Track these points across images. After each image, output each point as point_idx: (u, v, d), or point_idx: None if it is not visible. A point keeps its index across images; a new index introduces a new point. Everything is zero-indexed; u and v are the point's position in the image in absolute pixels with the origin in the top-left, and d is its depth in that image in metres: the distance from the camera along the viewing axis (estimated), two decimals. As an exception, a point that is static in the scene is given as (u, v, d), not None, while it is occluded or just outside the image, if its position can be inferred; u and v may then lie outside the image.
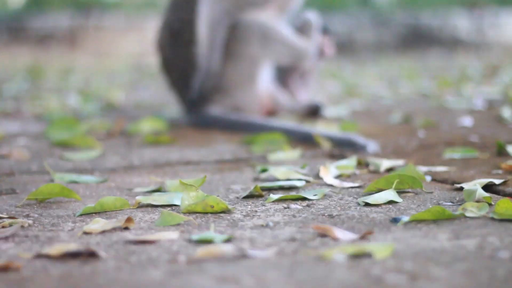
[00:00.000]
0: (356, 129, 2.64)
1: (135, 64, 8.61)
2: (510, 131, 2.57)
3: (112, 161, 2.15)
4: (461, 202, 1.50)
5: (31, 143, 2.53)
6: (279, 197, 1.56)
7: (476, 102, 3.46)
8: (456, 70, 6.24)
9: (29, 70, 7.27)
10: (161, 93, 4.70)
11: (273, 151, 2.22)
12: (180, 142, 2.48)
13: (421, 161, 2.02)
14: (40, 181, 1.84)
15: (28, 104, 3.85)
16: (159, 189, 1.70)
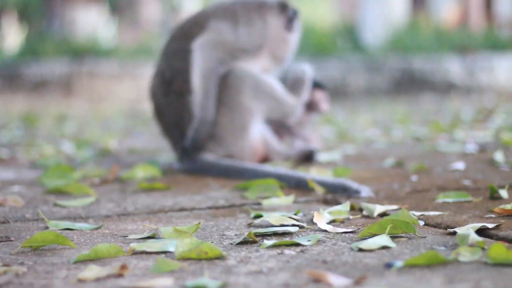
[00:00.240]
0: (349, 174, 2.65)
1: (129, 110, 8.65)
2: (502, 174, 2.59)
3: (106, 208, 2.15)
4: (454, 246, 1.50)
5: (25, 190, 2.54)
6: (273, 243, 1.56)
7: (468, 146, 3.48)
8: (449, 114, 6.28)
9: (23, 116, 7.29)
10: (155, 139, 4.71)
11: (267, 197, 2.23)
12: (174, 189, 2.49)
13: (414, 206, 2.02)
14: (34, 229, 1.84)
15: (22, 151, 3.86)
16: (153, 235, 1.70)
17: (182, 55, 2.87)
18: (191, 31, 2.91)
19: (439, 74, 9.54)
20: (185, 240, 1.48)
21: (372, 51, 10.33)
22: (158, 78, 2.96)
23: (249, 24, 2.90)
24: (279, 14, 2.95)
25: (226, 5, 2.96)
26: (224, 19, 2.89)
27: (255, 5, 2.95)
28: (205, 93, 2.82)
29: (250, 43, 2.90)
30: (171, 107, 2.90)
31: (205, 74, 2.83)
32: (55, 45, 11.59)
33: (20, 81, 10.99)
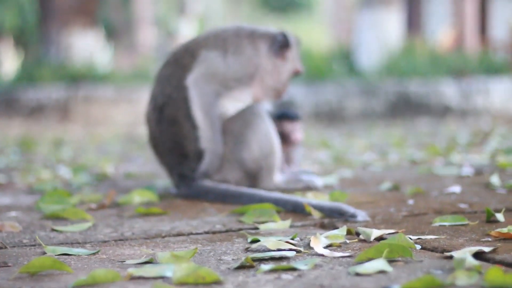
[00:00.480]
0: (346, 198, 2.66)
1: (125, 134, 8.66)
2: (498, 197, 2.59)
3: (103, 233, 2.15)
4: (451, 270, 1.51)
5: (22, 215, 2.54)
6: (270, 267, 1.56)
7: (464, 169, 3.49)
8: (445, 137, 6.30)
9: (20, 141, 7.30)
10: (151, 163, 4.72)
11: (264, 221, 2.23)
12: (171, 214, 2.49)
13: (411, 230, 2.03)
14: (32, 254, 1.84)
15: (19, 176, 3.86)
16: (151, 260, 1.70)
17: (174, 82, 2.90)
18: (183, 60, 2.92)
19: (435, 98, 9.58)
20: (183, 265, 1.49)
21: (368, 75, 10.38)
22: (151, 103, 2.98)
23: (239, 53, 2.89)
24: (271, 43, 2.94)
25: (218, 33, 2.96)
26: (215, 49, 2.89)
27: (246, 34, 2.95)
28: (211, 127, 2.83)
29: (241, 73, 2.89)
30: (164, 135, 2.92)
31: (206, 110, 2.83)
32: (52, 70, 11.62)
33: (16, 106, 11.01)
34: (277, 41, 2.94)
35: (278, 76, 2.97)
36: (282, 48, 2.95)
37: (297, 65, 3.03)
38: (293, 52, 3.00)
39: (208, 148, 2.83)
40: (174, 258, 1.53)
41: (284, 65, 2.98)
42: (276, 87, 2.98)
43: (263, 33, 2.97)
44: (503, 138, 5.60)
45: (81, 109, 11.27)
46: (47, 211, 2.50)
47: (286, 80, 3.00)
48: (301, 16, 35.01)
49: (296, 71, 3.03)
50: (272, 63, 2.95)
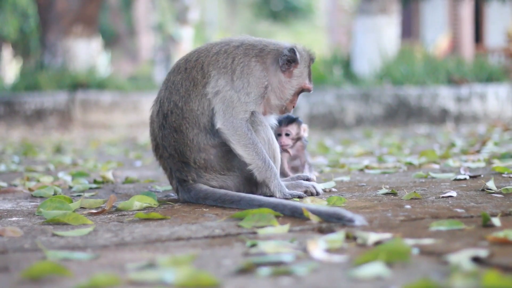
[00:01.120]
0: (343, 202, 2.68)
1: (124, 139, 8.67)
2: (495, 202, 2.61)
3: (103, 238, 2.17)
4: (448, 274, 1.52)
5: (23, 220, 2.55)
6: (269, 271, 1.58)
7: (461, 173, 3.51)
8: (442, 142, 6.32)
9: (21, 146, 7.31)
10: (150, 169, 4.73)
11: (262, 226, 2.25)
12: (170, 218, 2.51)
13: (408, 234, 2.05)
14: (33, 259, 1.86)
15: (20, 181, 3.88)
16: (151, 265, 1.72)
17: (182, 92, 2.90)
18: (192, 72, 2.92)
19: (432, 103, 9.60)
20: (182, 269, 1.51)
21: (366, 80, 10.40)
22: (156, 106, 2.99)
23: (247, 74, 2.88)
24: (278, 58, 2.92)
25: (228, 51, 2.93)
26: (224, 72, 2.88)
27: (255, 52, 2.92)
28: (258, 157, 2.82)
29: (253, 95, 2.86)
30: (166, 141, 2.93)
31: (246, 144, 2.82)
32: (52, 76, 11.64)
33: (17, 112, 11.02)
34: (284, 56, 2.92)
35: (281, 92, 2.95)
36: (289, 64, 2.93)
37: (305, 82, 2.98)
38: (301, 68, 2.96)
39: (267, 177, 2.84)
40: (174, 262, 1.55)
41: (289, 81, 2.95)
42: (279, 103, 2.97)
43: (272, 49, 2.95)
44: (499, 143, 5.62)
45: (81, 115, 11.28)
46: (48, 216, 2.52)
47: (291, 96, 2.97)
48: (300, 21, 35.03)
49: (303, 88, 2.99)
50: (277, 79, 2.93)
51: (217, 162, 2.89)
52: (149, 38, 28.50)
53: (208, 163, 2.88)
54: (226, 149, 2.88)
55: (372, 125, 9.51)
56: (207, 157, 2.87)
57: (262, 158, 2.83)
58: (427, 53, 11.34)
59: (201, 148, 2.87)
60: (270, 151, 2.91)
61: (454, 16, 22.63)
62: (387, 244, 1.77)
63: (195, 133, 2.87)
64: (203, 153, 2.87)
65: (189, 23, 19.02)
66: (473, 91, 9.78)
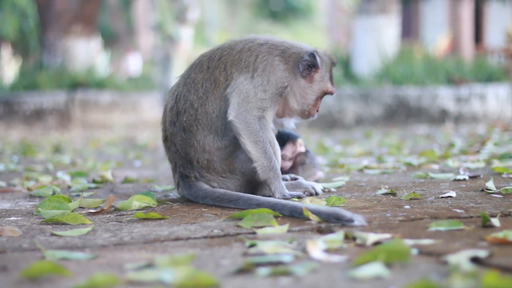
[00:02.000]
0: (343, 203, 2.68)
1: (124, 139, 8.67)
2: (494, 202, 2.61)
3: (102, 238, 2.17)
4: (447, 274, 1.52)
5: (22, 220, 2.55)
6: (268, 272, 1.58)
7: (460, 174, 3.51)
8: (441, 142, 6.32)
9: (20, 146, 7.31)
10: (149, 169, 4.73)
11: (262, 226, 2.25)
12: (169, 219, 2.51)
13: (407, 234, 2.05)
14: (31, 258, 1.86)
15: (19, 180, 3.88)
16: (149, 265, 1.72)
17: (200, 93, 2.90)
18: (215, 72, 2.90)
19: (432, 103, 9.60)
20: (181, 269, 1.50)
21: (366, 81, 10.41)
22: (172, 100, 2.98)
23: (269, 73, 2.86)
24: (299, 62, 2.90)
25: (252, 48, 2.92)
26: (246, 69, 2.87)
27: (279, 52, 2.92)
28: (265, 156, 2.82)
29: (271, 92, 2.86)
30: (175, 137, 2.94)
31: (256, 141, 2.82)
32: (51, 75, 11.64)
33: (16, 111, 11.02)
34: (304, 61, 2.90)
35: (303, 97, 2.93)
36: (309, 69, 2.91)
37: (327, 86, 2.97)
38: (322, 72, 2.94)
39: (270, 178, 2.84)
40: (173, 262, 1.55)
41: (310, 86, 2.94)
42: (301, 108, 2.96)
43: (294, 51, 2.93)
44: (499, 144, 5.62)
45: (80, 114, 11.28)
46: (46, 216, 2.51)
47: (312, 101, 2.96)
48: (300, 21, 35.05)
49: (325, 92, 2.97)
50: (298, 84, 2.92)
51: (219, 164, 2.88)
52: (148, 38, 28.52)
53: (210, 164, 2.88)
54: (229, 151, 2.87)
55: (371, 125, 9.52)
56: (210, 158, 2.88)
57: (268, 157, 2.83)
58: (427, 53, 11.34)
59: (206, 149, 2.87)
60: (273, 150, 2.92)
61: (454, 16, 22.65)
62: (386, 244, 1.77)
63: (204, 135, 2.87)
64: (206, 154, 2.87)
65: (189, 23, 19.02)
66: (473, 91, 9.79)
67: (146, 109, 12.32)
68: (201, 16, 30.56)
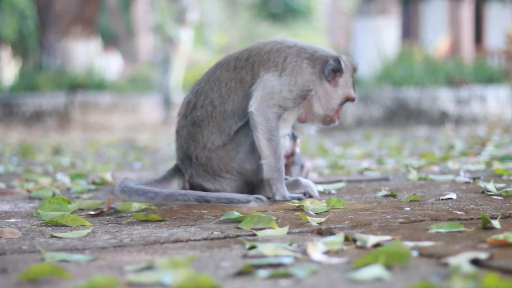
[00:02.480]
0: (343, 204, 2.67)
1: (123, 140, 8.67)
2: (494, 204, 2.61)
3: (102, 239, 2.16)
4: (447, 276, 1.52)
5: (22, 222, 2.55)
6: (268, 274, 1.58)
7: (461, 175, 3.51)
8: (442, 143, 6.32)
9: (19, 147, 7.31)
10: (149, 170, 4.73)
11: (261, 228, 2.25)
12: (169, 220, 2.51)
13: (408, 236, 2.04)
14: (31, 260, 1.85)
15: (18, 182, 3.87)
16: (149, 267, 1.71)
17: (223, 91, 2.90)
18: (242, 72, 2.90)
19: (432, 105, 9.60)
20: (181, 271, 1.50)
21: (366, 82, 10.41)
22: (193, 94, 2.98)
23: (297, 74, 2.87)
24: (324, 67, 2.91)
25: (281, 49, 2.93)
26: (274, 68, 2.88)
27: (307, 55, 2.92)
28: (274, 155, 2.83)
29: (296, 93, 2.86)
30: (183, 130, 2.96)
31: (269, 138, 2.82)
32: (51, 77, 11.64)
33: (16, 113, 11.02)
34: (329, 65, 2.91)
35: (327, 102, 2.95)
36: (334, 74, 2.92)
37: (350, 92, 2.98)
38: (346, 77, 2.95)
39: (274, 178, 2.85)
40: (173, 264, 1.55)
41: (335, 91, 2.95)
42: (324, 113, 2.97)
43: (321, 56, 2.94)
44: (499, 146, 5.62)
45: (80, 116, 11.28)
46: (46, 218, 2.51)
47: (336, 106, 2.97)
48: (299, 22, 35.06)
49: (348, 97, 2.98)
50: (323, 88, 2.93)
51: (217, 162, 2.89)
52: (148, 39, 28.51)
53: (209, 161, 2.89)
54: (228, 149, 2.87)
55: (371, 127, 9.51)
56: (209, 155, 2.88)
57: (277, 157, 2.84)
58: (427, 54, 11.34)
59: (207, 146, 2.88)
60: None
61: (454, 18, 22.65)
62: (387, 246, 1.76)
63: (211, 132, 2.88)
64: (206, 151, 2.89)
65: (188, 24, 19.03)
66: (473, 93, 9.78)
67: (146, 111, 12.32)
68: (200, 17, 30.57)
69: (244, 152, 2.87)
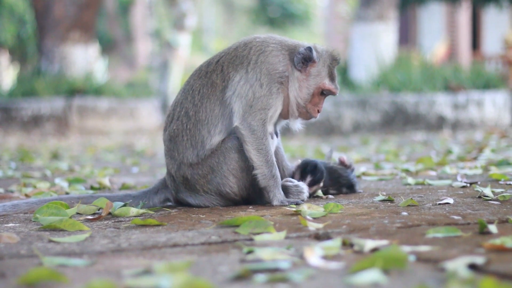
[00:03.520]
0: (340, 209, 2.68)
1: (121, 145, 8.66)
2: (491, 209, 2.61)
3: (100, 244, 2.17)
4: (444, 281, 1.52)
5: (20, 226, 2.55)
6: (266, 278, 1.58)
7: (458, 180, 3.51)
8: (440, 148, 6.33)
9: (18, 152, 7.30)
10: (147, 175, 4.73)
11: (259, 232, 2.25)
12: (167, 225, 2.51)
13: (405, 241, 2.05)
14: (29, 265, 1.86)
15: (17, 186, 3.87)
16: (147, 271, 1.71)
17: (196, 100, 2.89)
18: (212, 76, 2.89)
19: (429, 110, 9.62)
20: (179, 276, 1.50)
21: (364, 87, 10.42)
22: (171, 108, 2.98)
23: (262, 62, 2.85)
24: (294, 55, 2.89)
25: (247, 41, 2.92)
26: (240, 66, 2.86)
27: (274, 41, 2.91)
28: (266, 163, 2.84)
29: (267, 80, 2.84)
30: (164, 145, 2.97)
31: (258, 148, 2.82)
32: (49, 82, 11.65)
33: (14, 118, 11.02)
34: (299, 54, 2.88)
35: (299, 91, 2.90)
36: (305, 63, 2.89)
37: (324, 82, 2.91)
38: (319, 67, 2.90)
39: (270, 186, 2.85)
40: (170, 269, 1.55)
41: (306, 80, 2.90)
42: (297, 103, 2.91)
43: (291, 44, 2.93)
44: (496, 150, 5.63)
45: (78, 120, 11.28)
46: (44, 222, 2.51)
47: (308, 96, 2.91)
48: (297, 27, 35.09)
49: (322, 88, 2.92)
50: (295, 77, 2.89)
51: (194, 183, 2.89)
52: (146, 44, 28.52)
53: (186, 181, 2.90)
54: (204, 172, 2.86)
55: (369, 132, 9.52)
56: (185, 175, 2.89)
57: (269, 165, 2.83)
58: (424, 60, 11.36)
59: (183, 164, 2.87)
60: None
61: (451, 23, 22.69)
62: (384, 251, 1.76)
63: (185, 147, 2.87)
64: (182, 170, 2.88)
65: (187, 29, 19.04)
66: (470, 98, 9.80)
67: (144, 116, 12.33)
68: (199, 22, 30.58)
69: (221, 176, 2.86)
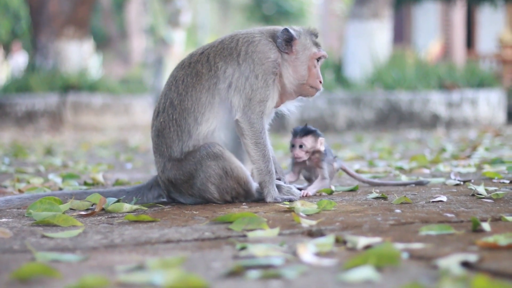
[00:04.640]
0: (334, 206, 2.68)
1: (115, 141, 8.65)
2: (484, 207, 2.62)
3: (93, 240, 2.16)
4: (437, 278, 1.53)
5: (13, 221, 2.54)
6: (258, 275, 1.58)
7: (452, 178, 3.52)
8: (434, 146, 6.34)
9: (12, 147, 7.29)
10: (140, 171, 4.73)
11: (252, 229, 2.25)
12: (160, 221, 2.51)
13: (398, 238, 2.05)
14: (22, 260, 1.85)
15: (10, 181, 3.86)
16: (140, 267, 1.71)
17: (180, 89, 2.89)
18: (197, 66, 2.90)
19: (423, 108, 9.63)
20: (172, 272, 1.50)
21: (358, 85, 10.42)
22: (158, 102, 2.98)
23: (252, 52, 2.87)
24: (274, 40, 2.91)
25: (234, 34, 2.95)
26: (230, 58, 2.87)
27: (257, 31, 2.95)
28: (263, 159, 2.84)
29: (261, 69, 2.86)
30: (152, 142, 2.96)
31: (257, 142, 2.84)
32: (43, 78, 11.62)
33: (8, 113, 10.99)
34: (278, 38, 2.91)
35: (295, 71, 2.92)
36: (288, 43, 2.92)
37: (313, 51, 2.96)
38: (302, 41, 2.94)
39: (265, 181, 2.86)
40: (163, 265, 1.55)
41: (296, 58, 2.93)
42: (297, 83, 2.93)
43: (270, 29, 2.96)
44: (490, 149, 5.64)
45: (72, 116, 11.26)
46: (37, 218, 2.51)
47: (305, 71, 2.94)
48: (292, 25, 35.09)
49: (314, 57, 2.95)
50: (285, 60, 2.92)
51: (179, 187, 2.89)
52: (140, 40, 28.48)
53: (171, 184, 2.90)
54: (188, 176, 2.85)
55: (363, 130, 9.53)
56: (170, 178, 2.88)
57: (266, 161, 2.85)
58: (419, 58, 11.37)
59: (171, 158, 2.86)
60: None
61: (446, 22, 22.72)
62: (377, 248, 1.77)
63: (172, 140, 2.86)
64: (166, 173, 2.88)
65: (181, 26, 19.02)
66: (464, 96, 9.81)
67: (138, 112, 12.31)
68: (193, 19, 30.55)
69: (200, 183, 2.85)
